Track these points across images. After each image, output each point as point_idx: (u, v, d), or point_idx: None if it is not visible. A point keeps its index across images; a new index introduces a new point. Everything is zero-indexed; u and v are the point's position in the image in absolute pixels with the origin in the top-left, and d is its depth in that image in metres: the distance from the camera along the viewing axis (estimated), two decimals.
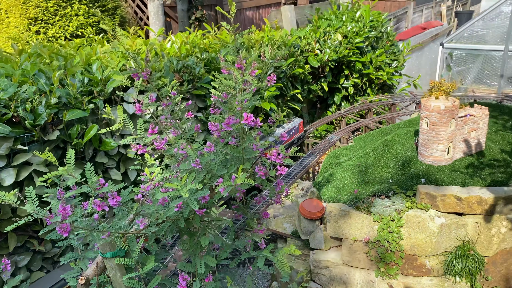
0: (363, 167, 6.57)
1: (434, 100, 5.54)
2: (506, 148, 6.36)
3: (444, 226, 4.97)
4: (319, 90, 10.27)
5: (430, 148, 5.62)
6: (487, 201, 4.91)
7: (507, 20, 11.89)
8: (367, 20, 10.84)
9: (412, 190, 5.34)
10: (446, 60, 13.09)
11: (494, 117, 8.42)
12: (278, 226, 6.80)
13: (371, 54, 11.00)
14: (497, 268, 5.18)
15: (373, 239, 5.14)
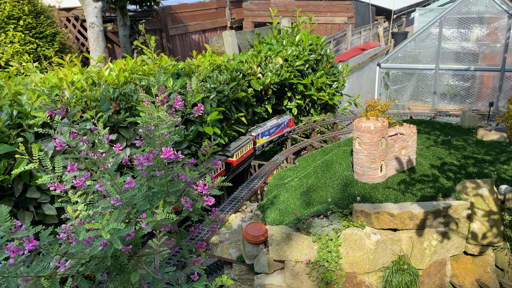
0: (305, 187, 6.71)
1: (365, 121, 5.80)
2: (436, 163, 6.74)
3: (380, 243, 5.15)
4: (264, 112, 10.45)
5: (364, 167, 5.85)
6: (417, 216, 5.15)
7: (436, 41, 12.76)
8: (306, 43, 11.24)
9: (348, 209, 5.50)
10: (383, 79, 13.77)
11: (427, 133, 8.92)
12: (223, 252, 6.74)
13: (312, 76, 11.38)
14: (431, 280, 5.41)
15: (314, 260, 5.22)
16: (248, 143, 9.15)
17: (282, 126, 10.61)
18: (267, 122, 10.32)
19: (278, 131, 10.51)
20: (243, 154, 9.04)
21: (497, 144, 7.86)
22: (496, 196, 5.46)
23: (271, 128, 10.27)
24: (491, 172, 6.48)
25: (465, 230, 5.34)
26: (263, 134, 10.02)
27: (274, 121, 10.38)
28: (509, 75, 12.57)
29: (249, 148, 9.25)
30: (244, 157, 9.10)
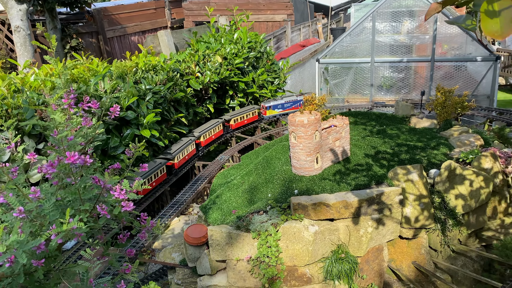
0: (247, 185, 6.68)
1: (299, 115, 5.85)
2: (370, 152, 6.94)
3: (318, 234, 5.21)
4: (206, 112, 10.32)
5: (300, 160, 5.91)
6: (352, 205, 5.26)
7: (370, 35, 13.21)
8: (245, 41, 11.23)
9: (287, 203, 5.53)
10: (323, 75, 14.07)
11: (364, 124, 9.19)
12: (166, 256, 6.56)
13: (253, 74, 11.39)
14: (370, 266, 5.56)
15: (254, 257, 5.20)
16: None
17: (299, 103, 11.28)
18: (284, 97, 11.47)
19: (294, 107, 11.39)
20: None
21: (428, 131, 8.23)
22: (425, 181, 5.70)
23: (286, 102, 11.30)
24: (422, 158, 6.77)
25: (398, 215, 5.53)
26: (275, 106, 11.18)
27: (291, 97, 11.34)
28: (439, 65, 13.27)
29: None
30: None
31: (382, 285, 5.64)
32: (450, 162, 5.86)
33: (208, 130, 9.65)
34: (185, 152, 8.82)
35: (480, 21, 1.61)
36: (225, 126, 10.50)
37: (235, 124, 10.46)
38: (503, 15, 1.60)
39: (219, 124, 10.07)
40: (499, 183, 6.14)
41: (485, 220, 6.16)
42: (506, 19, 1.59)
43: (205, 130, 9.60)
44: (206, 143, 9.70)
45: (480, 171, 6.03)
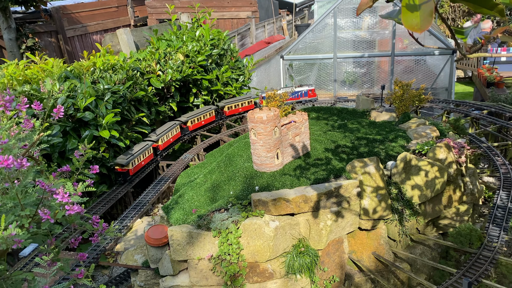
0: (209, 183, 6.64)
1: (258, 111, 5.86)
2: (330, 146, 7.04)
3: (279, 229, 5.24)
4: (169, 111, 10.18)
5: (261, 157, 5.92)
6: (311, 199, 5.32)
7: (332, 31, 13.38)
8: (207, 38, 11.14)
9: (247, 200, 5.54)
10: (288, 71, 14.17)
11: (326, 119, 9.31)
12: (128, 259, 6.45)
13: (217, 71, 11.33)
14: (331, 258, 5.64)
15: (216, 255, 5.18)
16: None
17: (300, 93, 11.52)
18: (283, 88, 11.45)
19: (293, 97, 11.49)
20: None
21: (387, 124, 8.43)
22: (382, 173, 5.83)
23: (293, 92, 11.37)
24: (380, 151, 6.92)
25: (357, 207, 5.64)
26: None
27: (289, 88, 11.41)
28: (399, 59, 13.60)
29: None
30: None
31: (344, 276, 5.74)
32: (406, 154, 6.01)
33: (166, 134, 9.37)
34: (141, 157, 8.51)
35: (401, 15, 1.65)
36: (183, 128, 10.19)
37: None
38: (423, 8, 1.65)
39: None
40: (453, 172, 6.35)
41: (441, 209, 6.37)
42: (425, 12, 1.63)
43: (163, 133, 9.36)
44: (164, 147, 9.41)
45: (435, 161, 6.23)
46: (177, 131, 9.90)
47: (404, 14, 1.65)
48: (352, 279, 5.76)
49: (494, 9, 1.98)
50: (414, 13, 1.65)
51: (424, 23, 1.62)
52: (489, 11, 2.01)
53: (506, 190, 6.86)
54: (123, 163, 7.84)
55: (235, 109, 11.25)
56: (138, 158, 8.31)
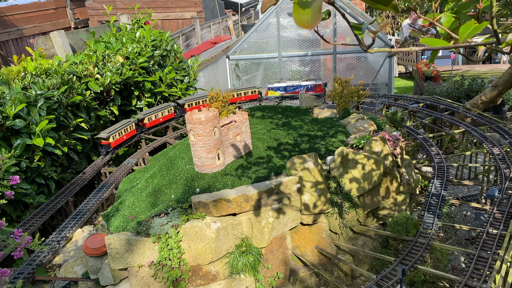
0: (151, 188, 6.48)
1: (196, 112, 5.79)
2: (273, 144, 7.10)
3: (221, 230, 5.21)
4: (110, 115, 9.86)
5: (202, 158, 5.86)
6: (252, 197, 5.33)
7: (275, 30, 13.53)
8: (148, 39, 10.90)
9: (188, 203, 5.46)
10: (234, 71, 14.16)
11: (270, 117, 9.39)
12: (68, 271, 6.17)
13: (160, 73, 11.11)
14: (275, 255, 5.69)
15: (156, 261, 5.06)
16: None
17: (305, 88, 11.31)
18: (289, 80, 11.61)
19: (298, 91, 11.39)
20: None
21: (329, 120, 8.63)
22: (320, 168, 5.95)
23: (289, 86, 11.40)
24: (321, 146, 7.07)
25: (297, 203, 5.72)
26: (277, 88, 11.46)
27: (295, 82, 11.43)
28: (342, 57, 13.98)
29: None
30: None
31: (288, 272, 5.80)
32: (343, 148, 6.17)
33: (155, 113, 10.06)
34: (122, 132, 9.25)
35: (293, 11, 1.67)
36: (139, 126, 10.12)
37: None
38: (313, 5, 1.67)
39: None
40: (389, 164, 6.60)
41: (379, 200, 6.60)
42: (315, 9, 1.66)
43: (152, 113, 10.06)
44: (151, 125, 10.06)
45: (371, 154, 6.44)
46: (132, 129, 9.96)
47: (296, 11, 1.67)
48: (297, 274, 5.84)
49: (389, 5, 2.06)
50: (306, 10, 1.67)
51: (314, 19, 1.64)
52: (384, 7, 2.08)
53: (439, 178, 7.23)
54: (105, 137, 8.66)
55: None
56: (119, 133, 9.12)
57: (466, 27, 2.02)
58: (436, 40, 2.07)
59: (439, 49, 2.07)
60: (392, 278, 5.11)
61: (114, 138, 9.21)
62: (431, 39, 2.10)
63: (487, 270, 5.09)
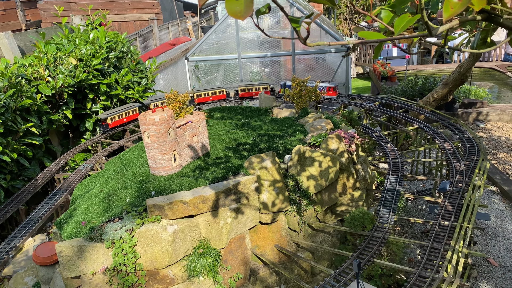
0: (105, 193, 6.29)
1: (150, 113, 5.67)
2: (231, 144, 7.07)
3: (178, 232, 5.11)
4: (63, 119, 9.50)
5: (157, 160, 5.74)
6: (209, 198, 5.27)
7: (234, 31, 13.51)
8: (103, 41, 10.60)
9: (142, 206, 5.33)
10: (194, 72, 14.03)
11: (230, 118, 9.36)
12: (18, 282, 5.87)
13: (116, 75, 10.82)
14: (234, 256, 5.64)
15: (111, 266, 4.90)
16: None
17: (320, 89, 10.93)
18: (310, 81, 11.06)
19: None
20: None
21: (288, 120, 8.69)
22: (278, 166, 5.97)
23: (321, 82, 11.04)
24: (279, 145, 7.10)
25: (256, 202, 5.70)
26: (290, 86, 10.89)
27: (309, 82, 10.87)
28: (301, 58, 14.15)
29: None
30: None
31: (248, 272, 5.78)
32: (300, 146, 6.22)
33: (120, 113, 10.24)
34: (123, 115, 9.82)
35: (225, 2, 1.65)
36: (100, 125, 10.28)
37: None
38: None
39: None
40: (345, 161, 6.72)
41: (336, 196, 6.70)
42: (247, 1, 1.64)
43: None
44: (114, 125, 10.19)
45: (327, 152, 6.53)
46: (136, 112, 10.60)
47: (228, 1, 1.65)
48: (257, 274, 5.82)
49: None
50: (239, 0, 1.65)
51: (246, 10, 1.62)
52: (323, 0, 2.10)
53: (394, 174, 7.44)
54: (103, 118, 9.65)
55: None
56: (119, 115, 10.01)
57: (401, 20, 2.06)
58: (372, 33, 2.11)
59: (375, 41, 2.11)
60: (349, 273, 5.19)
61: (113, 119, 10.00)
62: (368, 32, 2.13)
63: (439, 261, 5.26)
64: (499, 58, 18.91)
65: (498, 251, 7.32)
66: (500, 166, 10.27)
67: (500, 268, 6.90)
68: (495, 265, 6.97)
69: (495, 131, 12.37)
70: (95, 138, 10.07)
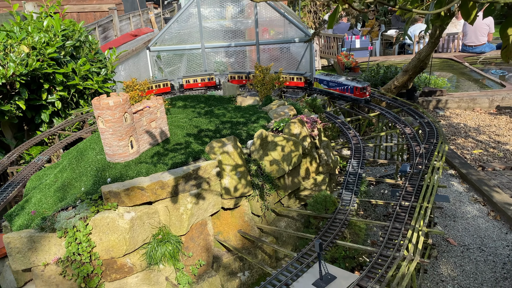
0: (60, 183, 6.00)
1: (104, 98, 5.43)
2: (193, 131, 6.91)
3: (136, 220, 4.93)
4: (16, 110, 9.03)
5: (113, 146, 5.52)
6: (168, 184, 5.11)
7: (197, 21, 13.27)
8: (58, 29, 10.14)
9: (97, 193, 5.10)
10: (156, 63, 13.69)
11: (193, 107, 9.17)
12: None
13: (73, 64, 10.39)
14: (196, 242, 5.51)
15: (64, 257, 4.67)
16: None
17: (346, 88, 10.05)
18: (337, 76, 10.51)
19: (339, 89, 10.33)
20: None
21: (251, 108, 8.60)
22: (240, 150, 5.87)
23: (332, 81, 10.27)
24: (242, 132, 7.00)
25: (217, 187, 5.59)
26: (321, 81, 10.57)
27: (341, 78, 10.33)
28: (266, 48, 14.08)
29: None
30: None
31: (211, 259, 5.66)
32: (262, 131, 6.15)
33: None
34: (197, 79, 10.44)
35: None
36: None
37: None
38: None
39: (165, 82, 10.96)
40: (308, 145, 6.70)
41: (299, 180, 6.67)
42: None
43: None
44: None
45: (290, 136, 6.49)
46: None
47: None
48: (220, 261, 5.72)
49: None
50: None
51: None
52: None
53: (356, 158, 7.49)
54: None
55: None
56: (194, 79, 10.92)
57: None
58: None
59: None
60: (312, 255, 5.17)
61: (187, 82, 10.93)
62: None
63: (400, 240, 5.32)
64: (457, 49, 19.52)
65: (457, 231, 7.53)
66: (458, 151, 10.59)
67: (459, 247, 7.10)
68: (454, 245, 7.16)
69: (453, 118, 12.76)
70: (51, 130, 9.64)
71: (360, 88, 9.84)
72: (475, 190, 8.80)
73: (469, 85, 15.52)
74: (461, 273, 6.53)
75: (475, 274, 6.48)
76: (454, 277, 6.46)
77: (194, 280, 5.37)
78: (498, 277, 6.37)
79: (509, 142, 10.80)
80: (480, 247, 7.05)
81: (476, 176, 9.02)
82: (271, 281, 4.76)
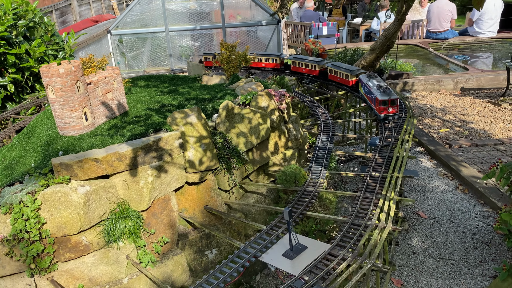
0: (8, 161, 5.50)
1: (55, 65, 4.99)
2: (155, 106, 6.54)
3: (91, 194, 4.53)
4: None
5: (65, 118, 5.08)
6: (126, 155, 4.74)
7: (160, 3, 12.78)
8: (8, 7, 9.47)
9: (48, 167, 4.68)
10: (118, 48, 13.13)
11: (156, 86, 8.75)
12: None
13: (26, 45, 9.74)
14: (158, 219, 5.17)
15: (9, 235, 4.23)
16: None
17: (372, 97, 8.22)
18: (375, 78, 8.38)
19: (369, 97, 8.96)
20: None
21: (218, 86, 8.29)
22: (204, 122, 5.56)
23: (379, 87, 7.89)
24: (208, 107, 6.69)
25: (181, 160, 5.26)
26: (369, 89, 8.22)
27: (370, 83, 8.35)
28: (233, 31, 13.76)
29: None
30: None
31: (176, 236, 5.34)
32: (227, 102, 5.86)
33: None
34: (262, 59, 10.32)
35: None
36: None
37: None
38: None
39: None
40: (276, 119, 6.47)
41: (268, 155, 6.43)
42: None
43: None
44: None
45: (257, 109, 6.23)
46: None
47: None
48: (186, 238, 5.41)
49: None
50: None
51: None
52: None
53: (325, 133, 7.33)
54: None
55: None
56: (258, 59, 10.67)
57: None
58: None
59: None
60: (281, 226, 4.94)
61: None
62: None
63: (372, 209, 5.17)
64: (422, 36, 19.81)
65: (427, 204, 7.51)
66: (426, 130, 10.64)
67: (429, 220, 7.06)
68: (424, 217, 7.13)
69: (420, 100, 12.86)
70: (3, 114, 8.99)
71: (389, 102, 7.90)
72: (443, 166, 8.83)
73: (434, 69, 15.74)
74: (432, 244, 6.49)
75: (446, 245, 6.44)
76: (425, 249, 6.40)
77: (158, 259, 5.04)
78: (468, 246, 6.35)
79: (473, 121, 10.96)
80: (450, 219, 7.04)
81: (444, 152, 9.06)
82: (239, 254, 4.50)
